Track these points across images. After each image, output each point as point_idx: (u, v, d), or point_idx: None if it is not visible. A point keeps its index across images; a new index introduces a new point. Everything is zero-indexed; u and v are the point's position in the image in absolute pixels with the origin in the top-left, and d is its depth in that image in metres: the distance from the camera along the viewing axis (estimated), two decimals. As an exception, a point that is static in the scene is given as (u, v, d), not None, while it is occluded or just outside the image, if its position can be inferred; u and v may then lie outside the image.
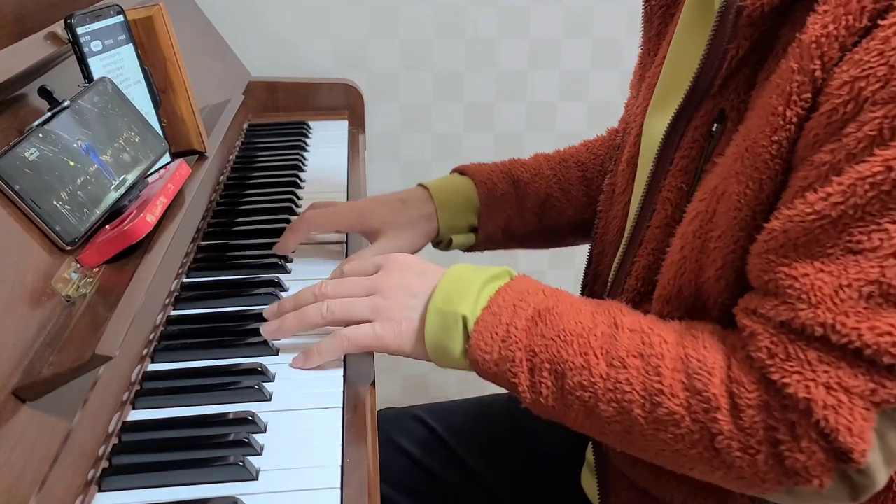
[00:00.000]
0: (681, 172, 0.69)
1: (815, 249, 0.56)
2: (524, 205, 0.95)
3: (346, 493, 0.59)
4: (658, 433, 0.61)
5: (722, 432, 0.58)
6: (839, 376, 0.55)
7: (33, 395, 0.54)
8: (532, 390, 0.65)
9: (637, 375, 0.61)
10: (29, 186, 0.62)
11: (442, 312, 0.68)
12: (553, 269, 1.74)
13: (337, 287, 0.73)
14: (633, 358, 0.62)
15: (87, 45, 0.76)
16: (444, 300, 0.68)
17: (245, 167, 1.20)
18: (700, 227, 0.64)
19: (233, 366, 0.73)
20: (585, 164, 0.98)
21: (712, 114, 0.66)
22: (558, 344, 0.63)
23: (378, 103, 1.55)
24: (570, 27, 1.56)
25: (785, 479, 0.58)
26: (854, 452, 0.55)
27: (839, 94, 0.54)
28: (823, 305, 0.55)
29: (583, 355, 0.63)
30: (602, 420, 0.63)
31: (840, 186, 0.54)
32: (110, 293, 0.64)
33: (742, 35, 0.62)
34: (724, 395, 0.58)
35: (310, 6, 1.48)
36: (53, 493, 0.52)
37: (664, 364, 0.61)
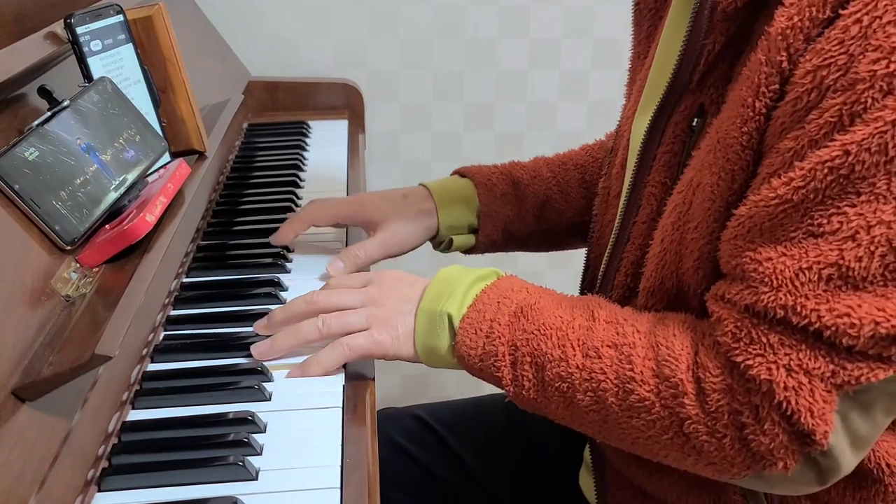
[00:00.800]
0: (664, 167, 0.70)
1: (779, 234, 0.57)
2: (524, 206, 0.96)
3: (346, 493, 0.59)
4: (631, 420, 0.63)
5: (689, 417, 0.60)
6: (800, 359, 0.56)
7: (33, 394, 0.54)
8: (515, 383, 0.67)
9: (611, 364, 0.63)
10: (28, 186, 0.62)
11: (429, 312, 0.70)
12: (553, 269, 1.74)
13: (329, 299, 0.73)
14: (608, 348, 0.64)
15: (86, 45, 0.76)
16: (431, 300, 0.70)
17: (245, 167, 1.20)
18: (678, 219, 0.65)
19: (232, 366, 0.72)
20: (584, 167, 0.99)
21: (692, 108, 0.67)
22: (538, 337, 0.66)
23: (378, 103, 1.55)
24: (570, 27, 1.56)
25: (752, 462, 0.59)
26: (816, 434, 0.56)
27: (803, 82, 0.55)
28: (784, 288, 0.56)
29: (560, 347, 0.65)
30: (580, 409, 0.65)
31: (801, 171, 0.55)
32: (110, 293, 0.63)
33: (718, 30, 0.63)
34: (690, 381, 0.60)
35: (310, 6, 1.48)
36: (53, 492, 0.52)
37: (636, 352, 0.63)
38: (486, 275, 0.72)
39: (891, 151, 0.52)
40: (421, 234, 0.92)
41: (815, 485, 0.60)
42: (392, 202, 0.92)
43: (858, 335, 0.54)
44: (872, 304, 0.54)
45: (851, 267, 0.54)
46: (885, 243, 0.53)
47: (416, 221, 0.91)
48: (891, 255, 0.53)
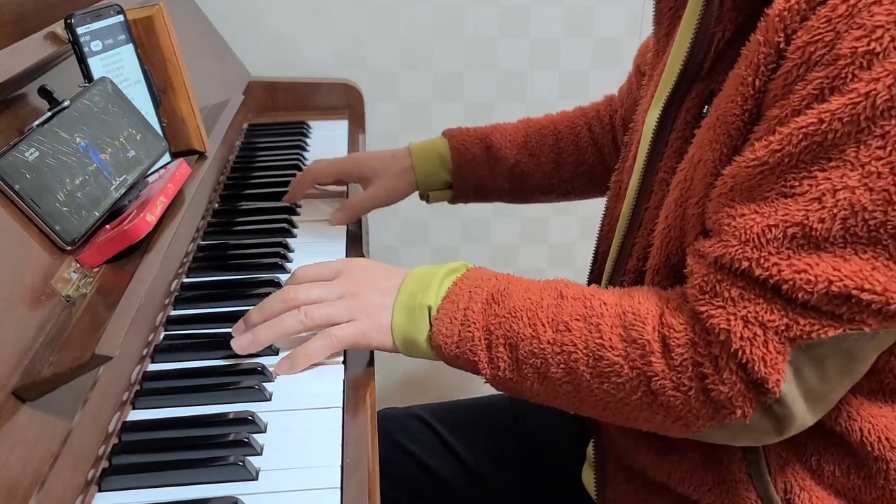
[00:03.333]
0: (675, 153, 0.72)
1: (755, 193, 0.60)
2: (495, 169, 1.06)
3: (346, 493, 0.59)
4: (602, 385, 0.66)
5: (656, 374, 0.63)
6: (757, 311, 0.59)
7: (33, 394, 0.54)
8: (491, 365, 0.70)
9: (580, 336, 0.66)
10: (29, 186, 0.62)
11: (408, 306, 0.72)
12: (553, 269, 1.74)
13: (308, 293, 0.74)
14: (576, 321, 0.67)
15: (87, 45, 0.76)
16: (408, 295, 0.73)
17: (245, 167, 1.20)
18: (680, 196, 0.68)
19: (233, 366, 0.73)
20: (560, 135, 1.07)
21: (702, 95, 0.70)
22: (510, 319, 0.69)
23: (378, 103, 1.55)
24: (570, 27, 1.56)
25: (714, 412, 0.63)
26: (768, 382, 0.60)
27: (793, 57, 0.58)
28: (751, 243, 0.59)
29: (531, 326, 0.68)
30: (554, 382, 0.68)
31: (779, 136, 0.58)
32: (110, 293, 0.64)
33: (728, 18, 0.66)
34: (656, 340, 0.64)
35: (310, 6, 1.48)
36: (53, 492, 0.52)
37: (604, 322, 0.66)
38: (456, 268, 0.75)
39: (862, 122, 0.55)
40: (405, 189, 1.06)
41: (774, 434, 0.64)
42: (382, 160, 1.06)
43: (813, 291, 0.57)
44: (829, 264, 0.57)
45: (814, 227, 0.57)
46: (847, 207, 0.56)
47: (399, 178, 1.05)
48: (852, 219, 0.56)
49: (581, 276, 0.93)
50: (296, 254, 0.94)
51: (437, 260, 1.74)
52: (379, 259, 0.83)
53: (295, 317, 0.72)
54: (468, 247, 1.72)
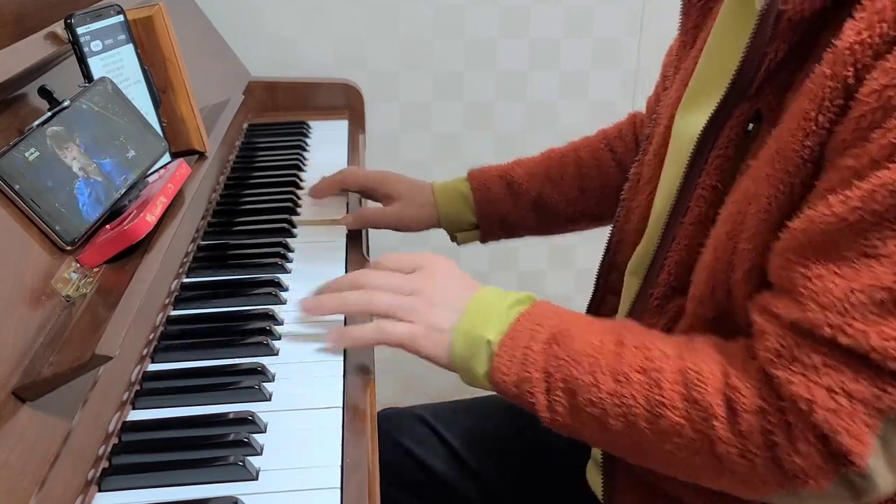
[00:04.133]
0: (716, 171, 0.69)
1: (832, 252, 0.56)
2: (518, 203, 1.05)
3: (346, 493, 0.59)
4: (663, 444, 0.63)
5: (721, 439, 0.60)
6: (842, 381, 0.55)
7: (33, 394, 0.54)
8: (549, 409, 0.67)
9: (640, 389, 0.63)
10: (29, 186, 0.62)
11: (468, 335, 0.70)
12: (553, 269, 1.74)
13: (379, 280, 0.75)
14: (636, 373, 0.64)
15: (87, 45, 0.76)
16: (470, 324, 0.71)
17: (245, 167, 1.20)
18: (732, 229, 0.65)
19: (233, 366, 0.73)
20: (582, 161, 1.05)
21: (748, 113, 0.67)
22: (570, 364, 0.66)
23: (378, 103, 1.56)
24: (570, 27, 1.56)
25: (785, 481, 0.59)
26: (853, 456, 0.56)
27: (868, 100, 0.54)
28: (833, 308, 0.55)
29: (591, 373, 0.65)
30: (613, 434, 0.65)
31: (860, 191, 0.54)
32: (110, 293, 0.63)
33: (781, 38, 0.62)
34: (720, 403, 0.60)
35: (310, 6, 1.48)
36: (53, 492, 0.52)
37: (664, 377, 0.63)
38: (521, 299, 0.73)
39: None
40: (422, 223, 1.05)
41: (851, 502, 0.60)
42: (408, 186, 1.06)
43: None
44: None
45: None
46: None
47: (420, 209, 1.05)
48: None
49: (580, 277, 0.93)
50: (296, 254, 0.94)
51: None
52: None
53: (362, 296, 0.74)
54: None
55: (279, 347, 0.75)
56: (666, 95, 0.83)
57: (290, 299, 0.83)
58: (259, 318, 0.79)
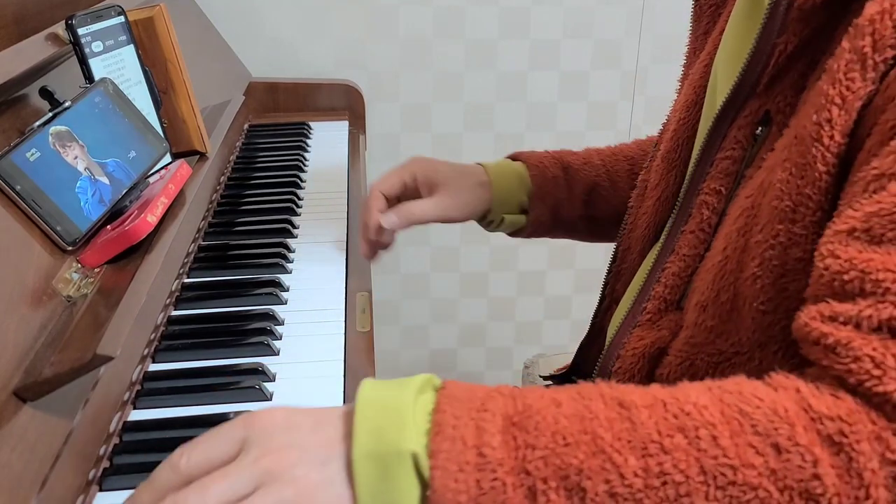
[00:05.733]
0: (720, 175, 0.66)
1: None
2: (573, 190, 0.97)
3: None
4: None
5: (826, 490, 0.46)
6: None
7: (34, 395, 0.54)
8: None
9: (687, 458, 0.47)
10: (30, 187, 0.63)
11: (378, 456, 0.48)
12: (553, 270, 1.74)
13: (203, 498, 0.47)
14: (670, 437, 0.48)
15: (88, 46, 0.76)
16: (373, 439, 0.48)
17: (246, 167, 1.20)
18: (745, 224, 0.61)
19: (233, 366, 0.73)
20: (634, 159, 0.99)
21: (757, 114, 0.64)
22: (558, 451, 0.48)
23: (378, 103, 1.56)
24: (570, 27, 1.57)
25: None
26: None
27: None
28: None
29: (600, 454, 0.48)
30: None
31: None
32: (111, 293, 0.64)
33: (791, 30, 0.60)
34: (816, 443, 0.47)
35: (310, 7, 1.49)
36: (54, 492, 0.52)
37: (719, 432, 0.48)
38: (420, 385, 0.51)
39: None
40: (476, 205, 0.93)
41: None
42: (455, 170, 0.93)
43: None
44: None
45: None
46: None
47: (473, 191, 0.92)
48: None
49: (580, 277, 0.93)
50: (296, 254, 0.94)
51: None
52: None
53: None
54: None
55: (279, 347, 0.76)
56: (676, 102, 0.83)
57: (290, 299, 0.84)
58: (259, 318, 0.79)
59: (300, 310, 0.82)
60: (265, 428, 0.50)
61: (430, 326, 1.75)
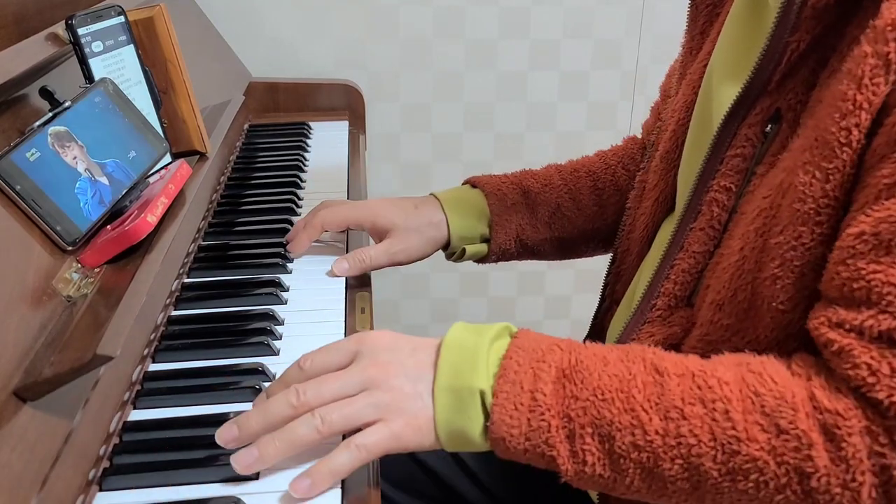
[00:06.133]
0: (731, 172, 0.66)
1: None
2: (535, 214, 0.95)
3: (346, 494, 0.59)
4: (736, 484, 0.55)
5: (818, 470, 0.53)
6: None
7: (34, 395, 0.54)
8: (573, 460, 0.58)
9: (702, 425, 0.55)
10: (30, 187, 0.63)
11: (454, 390, 0.59)
12: (553, 270, 1.74)
13: (319, 391, 0.59)
14: (692, 405, 0.56)
15: (87, 46, 0.76)
16: (452, 375, 0.59)
17: (246, 167, 1.20)
18: (763, 225, 0.61)
19: (233, 366, 0.73)
20: (597, 175, 0.98)
21: (768, 112, 0.64)
22: (597, 404, 0.57)
23: (378, 103, 1.56)
24: (570, 27, 1.57)
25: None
26: None
27: None
28: None
29: (630, 412, 0.56)
30: (664, 480, 0.57)
31: None
32: (111, 293, 0.64)
33: (804, 28, 0.60)
34: (814, 430, 0.53)
35: (310, 7, 1.49)
36: (54, 492, 0.52)
37: (732, 407, 0.55)
38: (498, 332, 0.62)
39: None
40: (428, 247, 0.92)
41: None
42: (403, 211, 0.91)
43: None
44: None
45: None
46: None
47: (424, 233, 0.91)
48: None
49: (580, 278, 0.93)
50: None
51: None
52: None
53: (309, 423, 0.58)
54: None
55: (280, 347, 0.76)
56: (672, 102, 0.83)
57: (290, 299, 0.84)
58: (260, 318, 0.79)
59: (300, 310, 0.82)
60: (374, 345, 0.62)
61: (430, 326, 1.75)
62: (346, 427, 0.59)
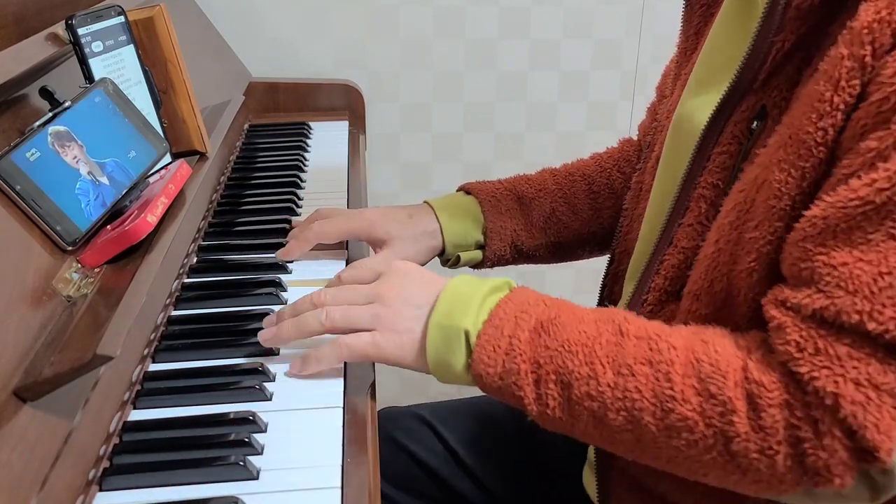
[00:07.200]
0: (717, 169, 0.68)
1: (856, 236, 0.54)
2: (530, 220, 0.96)
3: (346, 493, 0.59)
4: (670, 440, 0.60)
5: (738, 435, 0.57)
6: (869, 372, 0.54)
7: (34, 395, 0.54)
8: (538, 402, 0.64)
9: (646, 383, 0.60)
10: (30, 187, 0.63)
11: (443, 327, 0.67)
12: (553, 269, 1.74)
13: (336, 294, 0.72)
14: (641, 365, 0.61)
15: (87, 46, 0.76)
16: (445, 314, 0.67)
17: (246, 167, 1.20)
18: (737, 218, 0.63)
19: (233, 366, 0.73)
20: (592, 178, 0.98)
21: (753, 109, 0.65)
22: (563, 354, 0.63)
23: (378, 103, 1.56)
24: (570, 27, 1.57)
25: (804, 479, 0.57)
26: (880, 451, 0.54)
27: (892, 82, 0.53)
28: (861, 293, 0.53)
29: (589, 364, 0.62)
30: (611, 429, 0.62)
31: (886, 173, 0.52)
32: (111, 293, 0.64)
33: (789, 28, 0.61)
34: (739, 398, 0.57)
35: (310, 7, 1.49)
36: (54, 492, 0.52)
37: (674, 370, 0.60)
38: (498, 286, 0.69)
39: None
40: (424, 256, 0.93)
41: (867, 502, 0.58)
42: (398, 222, 0.92)
43: None
44: None
45: None
46: None
47: (419, 242, 0.92)
48: None
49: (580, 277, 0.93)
50: (296, 254, 0.94)
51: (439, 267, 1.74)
52: None
53: (317, 316, 0.70)
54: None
55: (279, 347, 0.76)
56: (667, 102, 0.83)
57: (290, 299, 0.84)
58: (260, 318, 0.79)
59: (300, 310, 0.82)
60: (396, 271, 0.73)
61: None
62: (345, 326, 0.70)
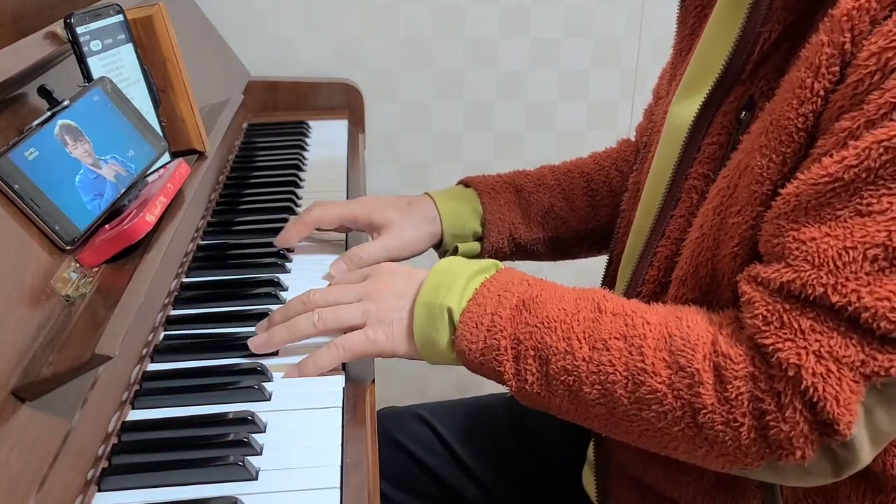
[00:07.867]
0: (708, 160, 0.69)
1: (825, 212, 0.55)
2: (528, 213, 0.96)
3: (345, 493, 0.59)
4: (641, 412, 0.61)
5: (705, 406, 0.59)
6: (831, 345, 0.55)
7: (32, 394, 0.54)
8: (517, 378, 0.66)
9: (619, 357, 0.62)
10: (28, 186, 0.62)
11: (428, 305, 0.68)
12: (552, 267, 1.74)
13: (325, 295, 0.73)
14: (616, 340, 0.62)
15: (86, 45, 0.76)
16: (430, 293, 0.69)
17: (245, 166, 1.20)
18: (720, 204, 0.64)
19: (232, 365, 0.72)
20: (590, 176, 0.99)
21: (741, 100, 0.66)
22: (542, 330, 0.64)
23: (378, 103, 1.56)
24: (570, 27, 1.56)
25: (767, 452, 0.58)
26: (839, 424, 0.55)
27: (866, 64, 0.53)
28: (826, 267, 0.54)
29: (566, 340, 0.63)
30: (586, 403, 0.63)
31: (855, 150, 0.53)
32: (110, 293, 0.63)
33: (776, 19, 0.63)
34: (707, 370, 0.59)
35: (310, 6, 1.49)
36: (53, 492, 0.52)
37: (646, 344, 0.61)
38: (485, 267, 0.71)
39: None
40: (424, 241, 0.93)
41: (830, 477, 0.59)
42: (398, 208, 0.92)
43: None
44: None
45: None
46: None
47: (419, 228, 0.92)
48: None
49: (581, 274, 0.93)
50: (295, 254, 0.94)
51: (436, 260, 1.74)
52: None
53: (308, 319, 0.71)
54: None
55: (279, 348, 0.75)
56: (663, 103, 0.83)
57: (289, 299, 0.83)
58: (259, 318, 0.79)
59: (299, 309, 0.82)
60: (382, 270, 0.75)
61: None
62: (337, 326, 0.71)
